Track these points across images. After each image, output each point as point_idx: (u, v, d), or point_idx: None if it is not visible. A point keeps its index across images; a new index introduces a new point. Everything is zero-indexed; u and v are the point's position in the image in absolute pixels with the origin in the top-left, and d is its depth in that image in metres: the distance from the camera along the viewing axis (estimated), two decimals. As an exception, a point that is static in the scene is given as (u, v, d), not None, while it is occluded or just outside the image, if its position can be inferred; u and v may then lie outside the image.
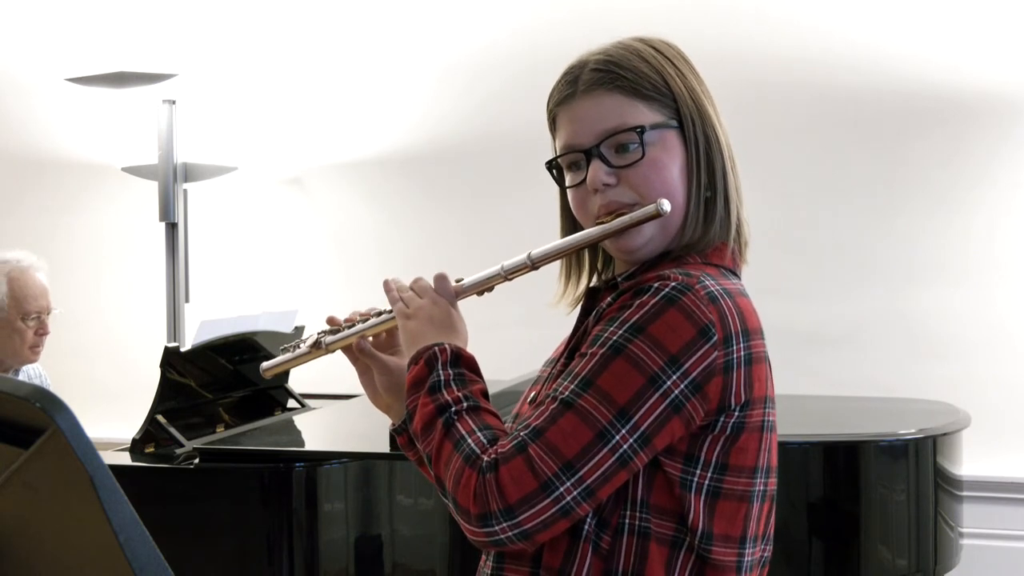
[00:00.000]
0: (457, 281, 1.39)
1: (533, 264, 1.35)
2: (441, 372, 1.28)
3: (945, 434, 2.82)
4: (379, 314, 1.44)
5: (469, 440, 1.22)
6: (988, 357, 3.69)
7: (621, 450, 1.19)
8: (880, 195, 3.79)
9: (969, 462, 3.04)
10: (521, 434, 1.20)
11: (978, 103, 3.67)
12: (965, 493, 3.01)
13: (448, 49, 4.17)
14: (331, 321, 1.48)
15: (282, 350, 1.51)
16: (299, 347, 1.49)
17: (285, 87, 4.32)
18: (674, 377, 1.20)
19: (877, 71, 3.74)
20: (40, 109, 4.56)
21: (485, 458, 1.20)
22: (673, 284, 1.23)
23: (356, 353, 1.45)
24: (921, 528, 2.74)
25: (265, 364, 1.52)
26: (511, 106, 4.03)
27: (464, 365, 1.30)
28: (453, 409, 1.25)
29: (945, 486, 2.82)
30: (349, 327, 1.45)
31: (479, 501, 1.19)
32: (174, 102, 4.11)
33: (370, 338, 1.44)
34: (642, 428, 1.19)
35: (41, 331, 2.98)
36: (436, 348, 1.30)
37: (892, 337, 3.77)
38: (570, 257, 1.41)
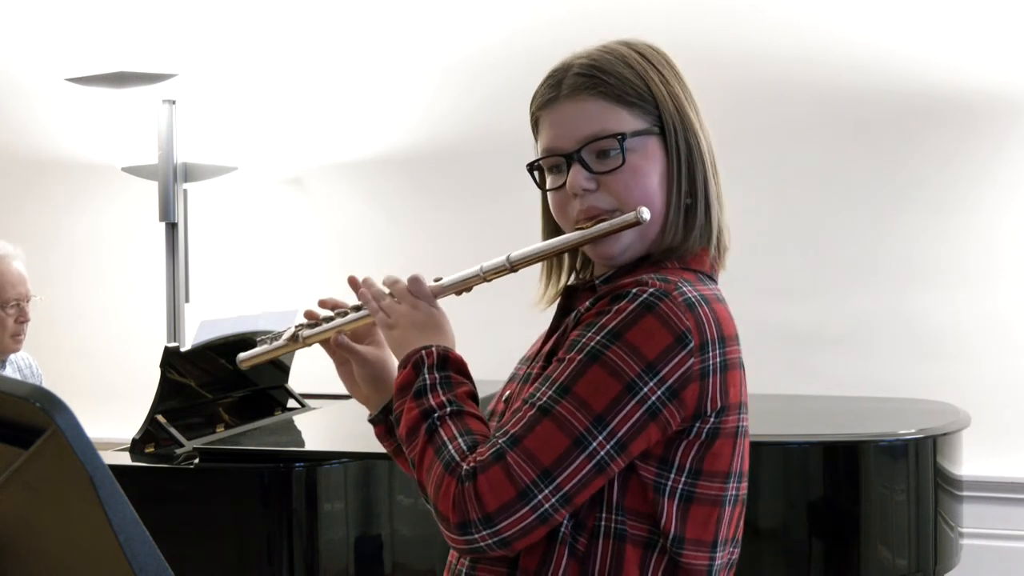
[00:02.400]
0: (435, 280, 1.39)
1: (512, 266, 1.35)
2: (427, 376, 1.28)
3: (945, 434, 2.82)
4: (357, 308, 1.44)
5: (450, 447, 1.22)
6: (988, 357, 3.69)
7: (598, 457, 1.19)
8: (881, 195, 3.79)
9: (969, 462, 3.04)
10: (499, 441, 1.20)
11: (979, 103, 3.67)
12: (965, 493, 3.01)
13: (448, 49, 4.17)
14: (309, 315, 1.48)
15: (259, 342, 1.51)
16: (277, 339, 1.49)
17: (285, 87, 4.32)
18: (651, 384, 1.20)
19: (878, 71, 3.74)
20: (40, 109, 4.56)
21: (464, 466, 1.20)
22: (651, 290, 1.23)
23: (334, 347, 1.45)
24: (921, 528, 2.74)
25: (242, 355, 1.52)
26: (511, 106, 3.99)
27: (451, 367, 1.30)
28: (436, 415, 1.25)
29: (945, 486, 2.82)
30: (327, 321, 1.45)
31: (458, 509, 1.19)
32: (174, 102, 4.11)
33: (347, 332, 1.44)
34: (619, 435, 1.20)
35: (21, 319, 2.97)
36: (423, 352, 1.30)
37: (892, 337, 3.77)
38: (551, 259, 1.41)
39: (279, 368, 3.27)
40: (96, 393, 4.29)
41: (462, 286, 1.38)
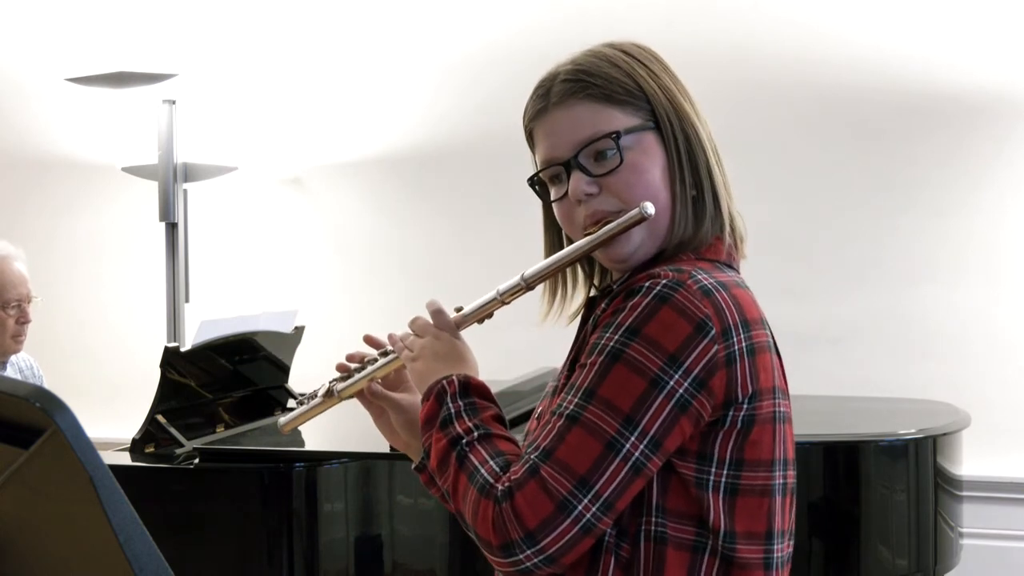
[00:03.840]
0: (457, 311, 1.39)
1: (528, 284, 1.34)
2: (451, 405, 1.27)
3: (945, 434, 2.82)
4: (385, 354, 1.44)
5: (482, 470, 1.21)
6: (988, 357, 3.69)
7: (633, 458, 1.17)
8: (881, 195, 3.79)
9: (969, 462, 3.04)
10: (531, 457, 1.18)
11: (979, 103, 3.67)
12: (965, 493, 3.01)
13: (448, 49, 4.16)
14: (341, 368, 1.48)
15: (297, 403, 1.53)
16: (314, 398, 1.50)
17: (285, 87, 4.32)
18: (676, 376, 1.17)
19: (879, 71, 3.74)
20: (40, 109, 4.56)
21: (499, 487, 1.18)
22: (664, 282, 1.21)
23: (369, 397, 1.45)
24: (921, 528, 2.74)
25: (281, 420, 1.54)
26: (511, 106, 3.97)
27: (474, 393, 1.29)
28: (464, 441, 1.24)
29: (945, 486, 2.82)
30: (359, 370, 1.46)
31: (499, 531, 1.17)
32: (174, 102, 4.11)
33: (379, 380, 1.45)
34: (651, 433, 1.17)
35: (22, 319, 2.97)
36: (444, 382, 1.29)
37: (892, 337, 3.77)
38: (563, 273, 1.39)
39: (279, 368, 3.27)
40: (96, 393, 4.29)
41: (483, 313, 1.37)
